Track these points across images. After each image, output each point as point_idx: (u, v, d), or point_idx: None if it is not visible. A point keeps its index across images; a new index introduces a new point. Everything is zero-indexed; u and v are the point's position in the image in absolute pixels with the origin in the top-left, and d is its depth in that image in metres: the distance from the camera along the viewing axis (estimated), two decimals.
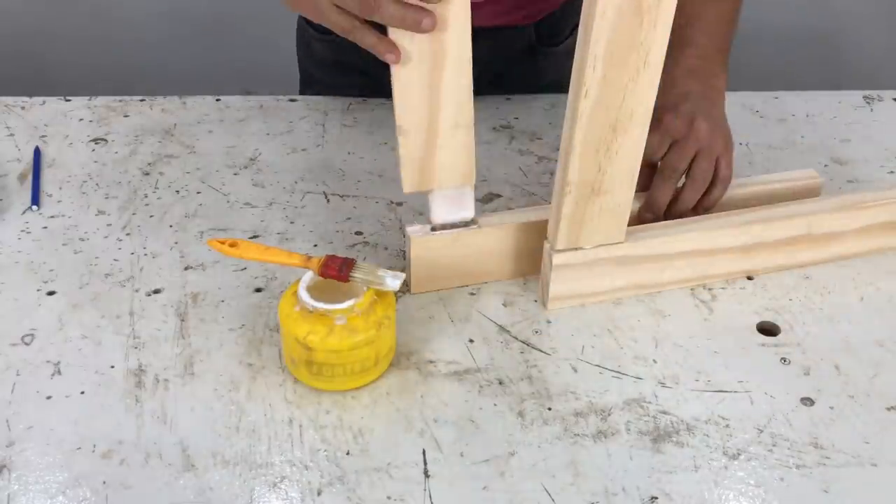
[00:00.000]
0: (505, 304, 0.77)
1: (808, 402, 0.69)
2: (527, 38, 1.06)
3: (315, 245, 0.83)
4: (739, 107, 1.09)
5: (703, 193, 0.80)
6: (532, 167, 0.96)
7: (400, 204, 0.89)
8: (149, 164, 0.94)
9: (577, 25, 0.63)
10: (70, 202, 0.87)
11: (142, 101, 1.05)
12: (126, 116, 1.02)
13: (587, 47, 0.61)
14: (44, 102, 1.04)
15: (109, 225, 0.84)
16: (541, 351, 0.72)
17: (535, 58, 1.08)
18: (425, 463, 0.62)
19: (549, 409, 0.67)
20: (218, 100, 1.06)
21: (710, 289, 0.79)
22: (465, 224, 0.76)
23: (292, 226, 0.85)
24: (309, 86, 1.17)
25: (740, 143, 1.02)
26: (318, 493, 0.60)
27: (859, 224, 0.82)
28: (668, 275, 0.78)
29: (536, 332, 0.74)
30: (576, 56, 0.63)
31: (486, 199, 0.90)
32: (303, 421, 0.65)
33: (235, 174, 0.93)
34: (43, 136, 0.98)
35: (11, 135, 0.98)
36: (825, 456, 0.64)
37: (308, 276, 0.67)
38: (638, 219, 0.80)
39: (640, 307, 0.77)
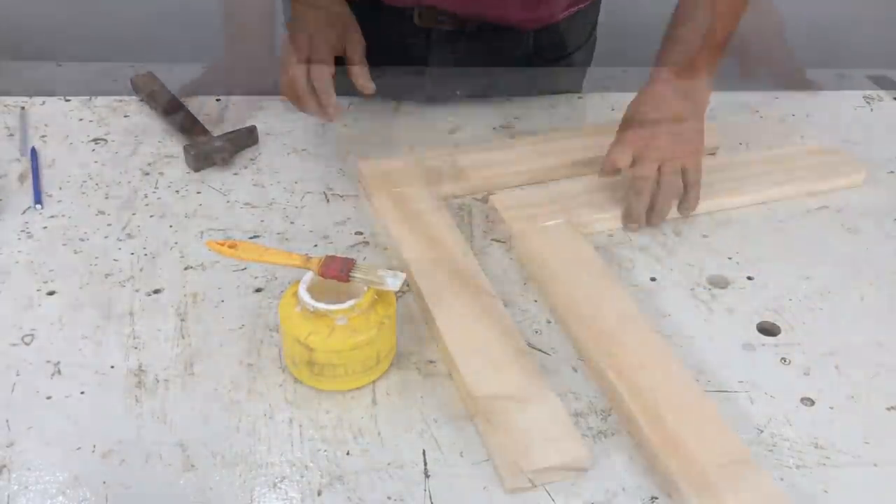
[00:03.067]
0: (505, 304, 0.77)
1: (808, 402, 0.68)
2: (525, 46, 1.06)
3: (315, 245, 0.83)
4: (739, 107, 1.09)
5: (683, 198, 0.86)
6: None
7: None
8: (149, 164, 0.94)
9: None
10: (70, 202, 0.87)
11: (142, 101, 1.05)
12: (126, 116, 1.02)
13: None
14: (44, 102, 1.04)
15: (109, 225, 0.84)
16: (541, 351, 0.72)
17: (531, 68, 1.08)
18: (425, 463, 0.62)
19: None
20: (218, 100, 1.06)
21: (709, 289, 0.79)
22: None
23: (292, 226, 0.85)
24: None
25: (740, 143, 1.02)
26: (318, 493, 0.60)
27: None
28: None
29: (536, 332, 0.74)
30: None
31: (486, 200, 0.90)
32: (303, 421, 0.65)
33: (235, 174, 0.93)
34: (43, 136, 0.97)
35: (11, 135, 0.98)
36: (825, 456, 0.64)
37: (308, 277, 0.67)
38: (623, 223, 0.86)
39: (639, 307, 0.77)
